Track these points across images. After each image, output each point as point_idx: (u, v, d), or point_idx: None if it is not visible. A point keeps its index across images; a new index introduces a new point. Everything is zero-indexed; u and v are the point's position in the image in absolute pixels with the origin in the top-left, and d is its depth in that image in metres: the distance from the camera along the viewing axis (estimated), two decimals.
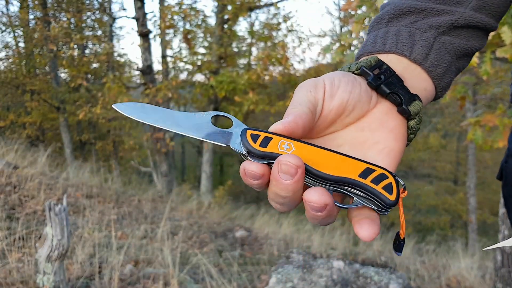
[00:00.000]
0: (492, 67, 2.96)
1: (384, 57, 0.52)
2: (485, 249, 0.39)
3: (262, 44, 12.38)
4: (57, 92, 11.96)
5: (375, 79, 0.48)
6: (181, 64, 12.71)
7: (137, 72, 12.16)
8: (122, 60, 14.67)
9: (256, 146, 0.40)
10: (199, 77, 11.79)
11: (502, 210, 3.23)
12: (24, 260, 2.58)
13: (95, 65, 13.33)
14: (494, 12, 0.56)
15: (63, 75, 14.10)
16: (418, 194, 17.21)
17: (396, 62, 0.51)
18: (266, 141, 0.41)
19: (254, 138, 0.41)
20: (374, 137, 0.46)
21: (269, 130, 0.42)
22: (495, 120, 3.59)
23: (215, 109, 11.05)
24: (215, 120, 0.45)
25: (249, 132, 0.41)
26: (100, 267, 2.78)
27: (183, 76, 13.24)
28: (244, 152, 0.41)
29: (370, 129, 0.47)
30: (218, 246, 4.18)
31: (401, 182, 0.42)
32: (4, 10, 14.55)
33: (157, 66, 17.18)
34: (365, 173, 0.41)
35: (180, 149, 20.75)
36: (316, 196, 0.40)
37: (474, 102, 9.45)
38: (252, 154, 0.40)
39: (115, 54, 13.74)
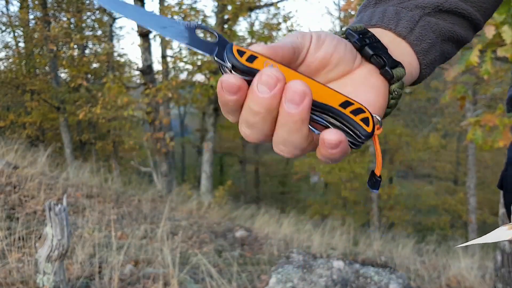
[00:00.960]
0: (492, 66, 2.96)
1: (370, 30, 0.52)
2: (458, 246, 0.41)
3: None
4: (57, 92, 11.97)
5: (360, 40, 0.48)
6: (181, 64, 12.71)
7: (137, 72, 12.17)
8: (122, 60, 14.67)
9: (242, 60, 0.40)
10: (199, 77, 11.79)
11: (502, 210, 3.23)
12: (24, 260, 2.58)
13: (95, 65, 13.33)
14: (479, 6, 0.57)
15: (63, 75, 14.10)
16: (418, 194, 17.21)
17: (381, 35, 0.51)
18: (251, 58, 0.40)
19: (240, 53, 0.40)
20: (355, 92, 0.47)
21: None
22: (495, 120, 3.58)
23: (215, 109, 11.05)
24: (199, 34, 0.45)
25: (235, 47, 0.41)
26: (100, 267, 2.78)
27: (183, 76, 13.24)
28: (228, 65, 0.40)
29: (352, 85, 0.47)
30: (218, 246, 4.18)
31: (378, 118, 0.44)
32: (4, 10, 14.57)
33: (157, 66, 17.23)
34: (344, 104, 0.42)
35: (180, 149, 20.76)
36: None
37: (474, 102, 9.45)
38: (236, 68, 0.40)
39: (115, 54, 13.74)
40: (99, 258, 2.92)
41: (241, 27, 53.46)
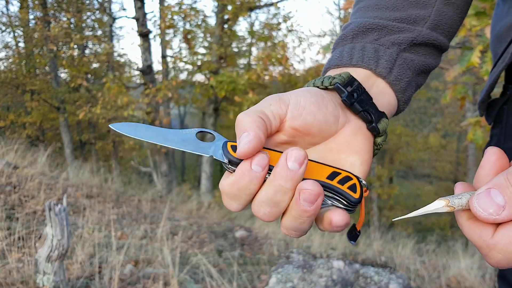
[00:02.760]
0: None
1: (351, 71, 0.53)
2: (394, 219, 0.41)
3: (262, 44, 12.39)
4: (57, 92, 11.97)
5: (349, 97, 0.48)
6: (181, 64, 12.73)
7: (137, 72, 12.18)
8: (122, 60, 14.70)
9: (235, 155, 0.44)
10: (199, 77, 11.80)
11: None
12: (24, 260, 2.57)
13: (95, 65, 13.34)
14: (447, 32, 0.60)
15: (63, 75, 14.11)
16: (418, 194, 17.22)
17: (363, 76, 0.53)
18: None
19: (234, 149, 0.45)
20: (341, 155, 0.48)
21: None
22: None
23: (215, 109, 11.07)
24: (201, 136, 0.50)
25: (229, 144, 0.45)
26: (100, 267, 2.78)
27: (183, 76, 13.26)
28: (225, 161, 0.45)
29: (337, 148, 0.48)
30: (218, 246, 4.18)
31: (364, 183, 0.46)
32: (4, 10, 14.56)
33: (157, 66, 17.22)
34: (332, 176, 0.45)
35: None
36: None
37: (474, 102, 9.45)
38: (232, 162, 0.44)
39: (115, 54, 13.76)
40: (99, 258, 2.92)
41: (241, 27, 53.46)
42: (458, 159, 18.40)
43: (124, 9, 16.73)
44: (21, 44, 13.59)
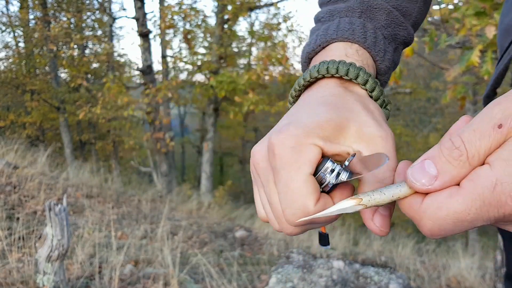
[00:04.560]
0: (493, 67, 2.96)
1: (358, 49, 0.50)
2: (298, 221, 0.40)
3: (262, 44, 12.38)
4: (57, 92, 11.97)
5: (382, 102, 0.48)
6: (181, 64, 12.72)
7: (137, 72, 12.17)
8: (122, 60, 14.70)
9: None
10: (199, 77, 11.80)
11: None
12: (24, 260, 2.57)
13: (95, 65, 13.34)
14: (415, 30, 0.59)
15: (63, 75, 14.10)
16: None
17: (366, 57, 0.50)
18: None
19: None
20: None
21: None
22: None
23: (215, 109, 11.05)
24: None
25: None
26: (100, 267, 2.78)
27: (183, 76, 13.26)
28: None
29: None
30: (218, 246, 4.17)
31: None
32: (4, 10, 14.57)
33: (157, 66, 17.21)
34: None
35: (180, 149, 20.76)
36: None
37: (474, 102, 9.45)
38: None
39: (115, 54, 13.76)
40: (99, 258, 2.92)
41: (241, 27, 53.46)
42: None
43: (124, 9, 16.75)
44: (21, 44, 13.60)
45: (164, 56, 12.02)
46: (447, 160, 0.32)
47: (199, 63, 11.05)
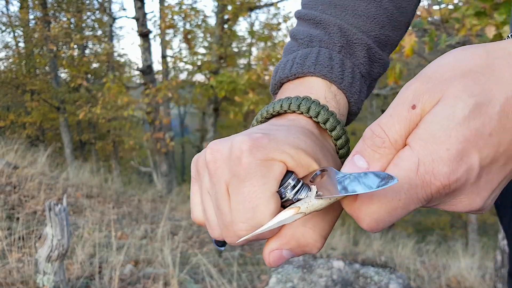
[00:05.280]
0: None
1: (329, 86, 0.48)
2: (239, 241, 0.38)
3: (262, 44, 12.39)
4: (57, 92, 11.97)
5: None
6: (181, 64, 12.73)
7: (137, 72, 12.18)
8: (122, 60, 14.71)
9: None
10: (199, 77, 11.81)
11: None
12: (24, 260, 2.58)
13: (95, 65, 13.35)
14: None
15: (63, 75, 14.11)
16: None
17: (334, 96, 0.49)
18: None
19: None
20: None
21: None
22: None
23: (215, 109, 11.05)
24: None
25: None
26: (100, 267, 2.78)
27: (183, 76, 13.27)
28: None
29: None
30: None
31: None
32: (4, 10, 14.57)
33: (157, 66, 17.21)
34: None
35: (180, 149, 20.76)
36: None
37: None
38: None
39: (115, 54, 13.77)
40: (99, 258, 2.92)
41: (241, 27, 53.49)
42: None
43: (124, 9, 16.76)
44: (21, 44, 13.61)
45: (164, 56, 12.03)
46: (372, 150, 0.32)
47: (199, 63, 11.06)
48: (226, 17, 10.90)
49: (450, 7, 3.17)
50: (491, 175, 0.32)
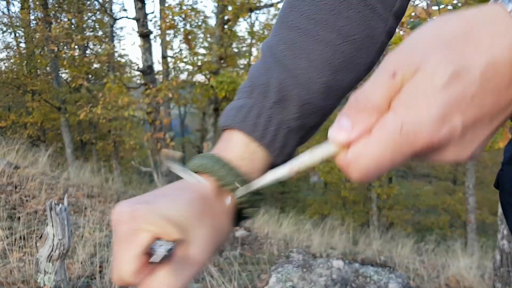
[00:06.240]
0: None
1: (252, 147, 0.51)
2: (238, 196, 0.47)
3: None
4: (58, 92, 11.99)
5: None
6: (182, 65, 12.73)
7: (138, 73, 12.18)
8: (123, 60, 14.70)
9: None
10: (199, 78, 11.81)
11: (501, 210, 3.24)
12: (25, 260, 2.59)
13: (96, 65, 13.35)
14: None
15: (64, 76, 14.12)
16: (417, 194, 17.21)
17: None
18: None
19: None
20: None
21: None
22: None
23: (215, 110, 11.07)
24: None
25: None
26: (101, 267, 2.79)
27: (183, 76, 13.27)
28: None
29: None
30: None
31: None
32: (5, 10, 14.58)
33: (157, 67, 17.18)
34: None
35: (181, 149, 20.76)
36: None
37: None
38: None
39: (116, 54, 13.77)
40: (100, 258, 2.94)
41: (241, 27, 53.50)
42: None
43: (125, 10, 16.74)
44: (22, 45, 13.62)
45: (164, 57, 12.04)
46: (356, 112, 0.35)
47: (199, 63, 11.06)
48: (226, 17, 10.90)
49: (449, 7, 3.18)
50: (477, 132, 0.34)
